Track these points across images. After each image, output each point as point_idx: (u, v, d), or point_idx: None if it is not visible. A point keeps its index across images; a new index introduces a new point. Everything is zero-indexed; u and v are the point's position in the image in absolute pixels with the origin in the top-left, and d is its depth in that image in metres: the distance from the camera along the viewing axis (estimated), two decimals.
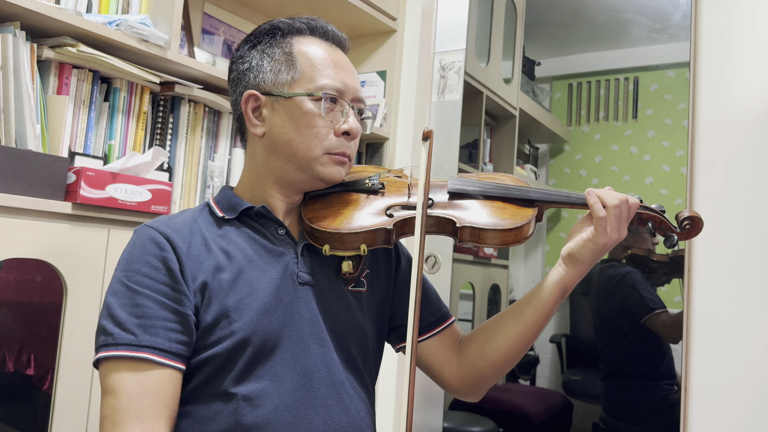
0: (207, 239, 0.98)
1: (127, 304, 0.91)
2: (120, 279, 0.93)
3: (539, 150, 2.81)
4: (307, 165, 1.00)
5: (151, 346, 0.89)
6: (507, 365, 1.07)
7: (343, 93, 1.02)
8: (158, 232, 0.95)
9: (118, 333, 0.89)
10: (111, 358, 0.89)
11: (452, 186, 1.06)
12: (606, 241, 0.98)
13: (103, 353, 0.89)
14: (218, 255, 0.97)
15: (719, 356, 1.65)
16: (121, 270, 0.94)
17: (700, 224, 1.04)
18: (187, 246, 0.96)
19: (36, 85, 1.31)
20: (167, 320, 0.90)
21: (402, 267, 1.16)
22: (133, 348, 0.88)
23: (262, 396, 0.92)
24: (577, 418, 2.47)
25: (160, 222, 0.98)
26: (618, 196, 1.00)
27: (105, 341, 0.90)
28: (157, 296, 0.91)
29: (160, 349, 0.89)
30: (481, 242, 1.00)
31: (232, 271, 0.96)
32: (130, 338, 0.89)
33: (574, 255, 1.01)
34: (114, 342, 0.89)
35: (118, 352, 0.88)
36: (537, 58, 2.76)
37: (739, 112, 1.69)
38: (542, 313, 1.02)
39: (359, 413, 1.00)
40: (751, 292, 1.63)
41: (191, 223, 1.00)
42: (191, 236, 0.97)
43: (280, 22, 1.06)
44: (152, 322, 0.90)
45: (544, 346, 2.65)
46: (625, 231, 1.00)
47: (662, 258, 2.18)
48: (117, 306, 0.91)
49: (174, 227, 0.97)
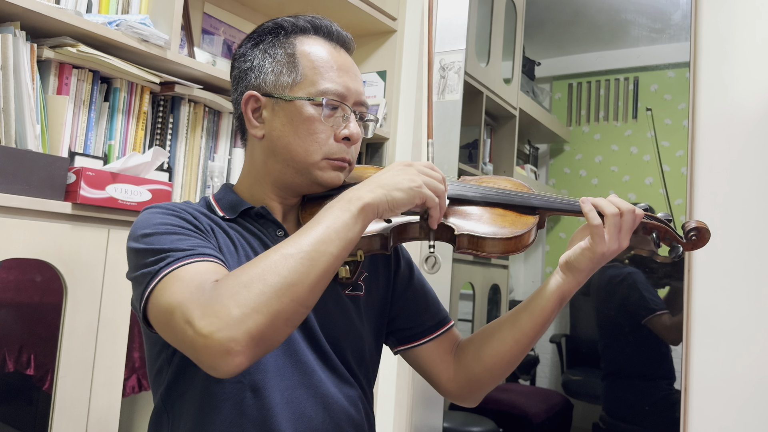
0: (214, 230, 0.98)
1: (166, 240, 0.86)
2: (145, 233, 0.88)
3: (539, 150, 2.80)
4: (305, 169, 1.00)
5: (209, 254, 0.86)
6: (503, 371, 1.05)
7: (345, 97, 1.00)
8: (168, 206, 0.95)
9: (174, 253, 0.84)
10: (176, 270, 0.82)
11: (452, 191, 1.03)
12: (604, 250, 0.95)
13: (165, 271, 0.82)
14: (227, 242, 0.98)
15: (719, 356, 1.65)
16: (140, 231, 0.89)
17: (706, 235, 1.01)
18: (198, 221, 0.96)
19: (36, 85, 1.31)
20: (212, 247, 0.90)
21: (401, 270, 1.15)
22: (195, 255, 0.84)
23: (267, 387, 0.92)
24: (577, 418, 2.47)
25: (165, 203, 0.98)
26: (619, 204, 0.97)
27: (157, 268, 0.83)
28: (194, 231, 0.90)
29: (219, 258, 0.87)
30: (480, 250, 0.97)
31: (233, 264, 0.95)
32: (187, 252, 0.84)
33: (571, 263, 0.98)
34: (172, 259, 0.83)
35: (181, 263, 0.82)
36: (537, 58, 2.76)
37: (739, 112, 1.69)
38: (539, 321, 1.01)
39: (359, 414, 1.01)
40: (751, 293, 1.63)
41: (197, 208, 1.00)
42: (200, 218, 0.98)
43: (284, 21, 1.04)
44: (201, 242, 0.88)
45: (544, 346, 2.65)
46: (627, 242, 0.97)
47: (664, 259, 2.18)
48: (156, 242, 0.86)
49: (181, 206, 0.97)
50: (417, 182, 0.89)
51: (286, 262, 0.78)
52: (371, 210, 0.85)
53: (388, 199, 0.87)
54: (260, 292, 0.75)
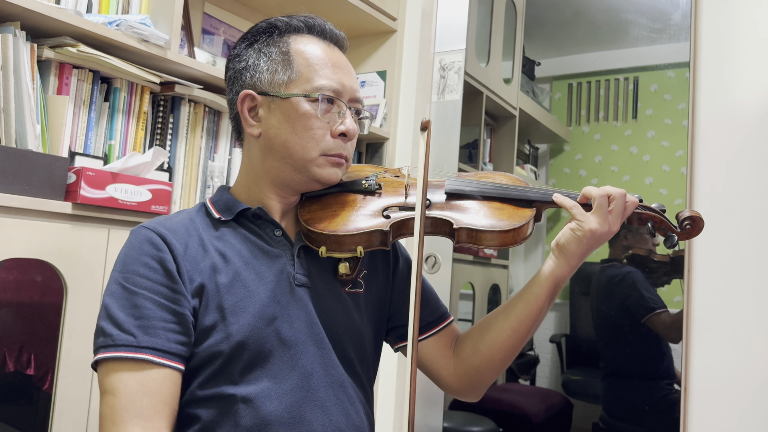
0: (204, 240, 0.98)
1: (126, 305, 0.90)
2: (117, 280, 0.93)
3: (539, 150, 2.81)
4: (303, 166, 1.00)
5: (150, 347, 0.88)
6: (502, 362, 1.05)
7: (340, 93, 1.01)
8: (155, 232, 0.95)
9: (117, 334, 0.89)
10: (110, 359, 0.88)
11: (450, 186, 1.05)
12: (591, 227, 0.96)
13: (102, 354, 0.89)
14: (215, 257, 0.97)
15: (719, 356, 1.65)
16: (118, 271, 0.94)
17: (700, 224, 1.03)
18: (184, 247, 0.95)
19: (36, 85, 1.31)
20: (166, 321, 0.90)
21: (400, 267, 1.15)
22: (133, 349, 0.88)
23: (261, 397, 0.92)
24: (577, 418, 2.47)
25: (156, 222, 0.97)
26: (608, 189, 0.99)
27: (104, 342, 0.89)
28: (156, 297, 0.91)
29: (159, 350, 0.89)
30: (479, 243, 0.98)
31: (229, 273, 0.96)
32: (130, 339, 0.88)
33: (561, 245, 0.99)
34: (113, 343, 0.88)
35: (118, 353, 0.88)
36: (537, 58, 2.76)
37: (739, 112, 1.69)
38: (534, 308, 1.01)
39: (358, 414, 1.00)
40: (751, 292, 1.63)
41: (188, 224, 1.00)
42: (188, 237, 0.97)
43: (278, 20, 1.05)
44: (151, 323, 0.89)
45: (544, 346, 2.65)
46: (617, 225, 0.98)
47: (663, 258, 2.18)
48: (115, 307, 0.90)
49: (170, 228, 0.97)
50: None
51: None
52: None
53: None
54: None
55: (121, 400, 0.87)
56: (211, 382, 0.93)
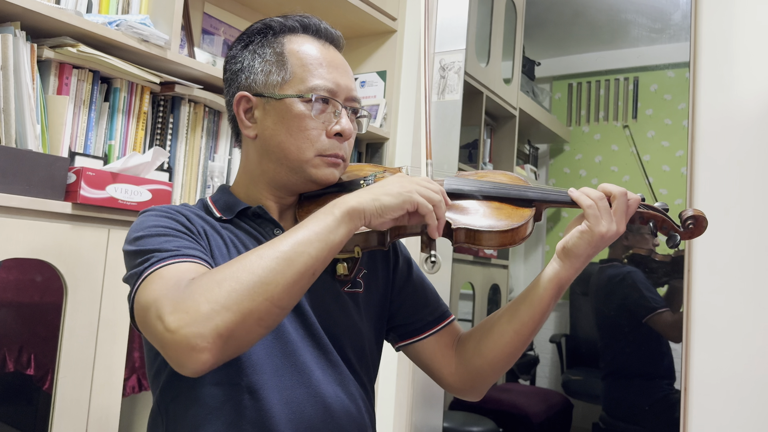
0: (207, 232, 0.98)
1: (156, 242, 0.87)
2: (137, 236, 0.89)
3: (539, 150, 2.81)
4: (299, 167, 1.00)
5: (195, 255, 0.86)
6: (504, 363, 1.05)
7: (336, 93, 1.01)
8: (164, 209, 0.96)
9: (158, 254, 0.84)
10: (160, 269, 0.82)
11: (448, 185, 1.04)
12: (601, 230, 0.95)
13: (150, 270, 0.83)
14: (219, 244, 0.97)
15: (719, 356, 1.65)
16: (133, 235, 0.91)
17: (703, 223, 1.01)
18: (192, 223, 0.96)
19: (36, 85, 1.31)
20: (200, 249, 0.90)
21: (400, 266, 1.15)
22: (179, 256, 0.84)
23: (264, 388, 0.92)
24: (577, 418, 2.47)
25: (163, 206, 0.99)
26: (607, 187, 0.98)
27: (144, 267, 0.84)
28: (185, 233, 0.90)
29: (204, 259, 0.87)
30: (478, 244, 0.97)
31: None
32: (172, 253, 0.85)
33: (569, 248, 0.98)
34: (158, 259, 0.84)
35: (166, 262, 0.83)
36: (537, 58, 2.77)
37: (739, 112, 1.69)
38: (538, 310, 1.00)
39: (359, 412, 1.00)
40: (751, 292, 1.63)
41: (194, 211, 1.01)
42: (195, 219, 0.98)
43: (272, 21, 1.04)
44: (189, 244, 0.88)
45: (544, 346, 2.65)
46: (623, 225, 0.97)
47: (664, 258, 2.18)
48: (146, 244, 0.87)
49: (177, 209, 0.98)
50: (407, 188, 0.88)
51: (262, 261, 0.78)
52: (356, 214, 0.85)
53: (376, 204, 0.86)
54: (231, 290, 0.75)
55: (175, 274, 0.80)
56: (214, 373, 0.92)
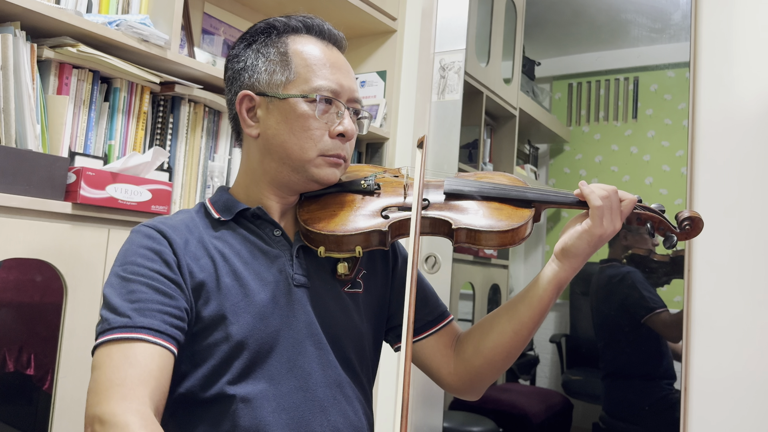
0: (204, 239, 0.98)
1: (123, 292, 0.89)
2: (116, 273, 0.92)
3: (539, 150, 2.81)
4: (301, 167, 1.00)
5: (145, 327, 0.87)
6: (503, 363, 1.06)
7: (339, 94, 1.01)
8: (154, 229, 0.95)
9: (114, 318, 0.87)
10: (106, 342, 0.86)
11: (449, 186, 1.05)
12: (602, 232, 0.97)
13: (100, 339, 0.87)
14: (215, 255, 0.97)
15: (719, 356, 1.65)
16: (117, 265, 0.93)
17: (700, 224, 1.03)
18: (184, 243, 0.96)
19: (36, 85, 1.31)
20: (162, 303, 0.89)
21: (399, 267, 1.15)
22: (128, 330, 0.86)
23: (259, 398, 0.92)
24: (577, 418, 2.47)
25: (156, 221, 0.98)
26: (608, 187, 1.00)
27: (101, 328, 0.88)
28: (152, 282, 0.90)
29: (153, 330, 0.87)
30: (478, 244, 0.98)
31: (229, 273, 0.96)
32: (125, 321, 0.87)
33: (568, 249, 0.99)
34: (110, 327, 0.87)
35: (113, 335, 0.86)
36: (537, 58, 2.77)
37: (739, 111, 1.69)
38: (537, 310, 1.01)
39: (357, 414, 1.00)
40: (751, 292, 1.63)
41: (189, 222, 1.00)
42: (189, 234, 0.97)
43: (276, 21, 1.05)
44: (147, 305, 0.88)
45: (544, 346, 2.65)
46: (620, 223, 0.99)
47: (663, 258, 2.18)
48: (113, 295, 0.89)
49: (171, 225, 0.97)
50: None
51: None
52: None
53: None
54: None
55: (105, 371, 0.84)
56: (210, 382, 0.93)
